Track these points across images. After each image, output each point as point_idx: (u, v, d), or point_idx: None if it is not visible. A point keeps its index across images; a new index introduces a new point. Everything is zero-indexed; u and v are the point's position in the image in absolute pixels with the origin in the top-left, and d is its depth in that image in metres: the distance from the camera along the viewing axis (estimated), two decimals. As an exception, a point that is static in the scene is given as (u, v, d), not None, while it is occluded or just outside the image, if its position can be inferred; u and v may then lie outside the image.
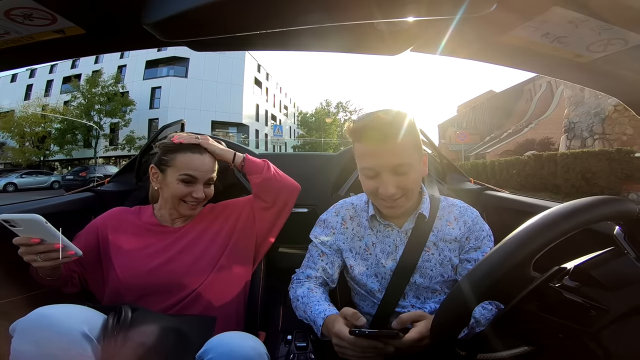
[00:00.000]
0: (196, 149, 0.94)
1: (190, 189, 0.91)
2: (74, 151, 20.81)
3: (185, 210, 0.93)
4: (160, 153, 0.94)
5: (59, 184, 16.14)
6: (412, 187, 0.81)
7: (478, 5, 0.39)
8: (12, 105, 22.01)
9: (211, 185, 0.97)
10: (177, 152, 0.92)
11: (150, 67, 23.64)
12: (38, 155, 20.42)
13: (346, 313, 0.74)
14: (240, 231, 0.99)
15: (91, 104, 19.83)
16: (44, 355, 0.60)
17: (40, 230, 0.69)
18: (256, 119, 27.78)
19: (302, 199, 1.33)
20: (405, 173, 0.77)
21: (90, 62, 23.37)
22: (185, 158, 0.91)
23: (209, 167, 0.94)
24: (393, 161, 0.76)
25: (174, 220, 0.97)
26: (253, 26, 0.43)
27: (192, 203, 0.93)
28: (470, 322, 0.76)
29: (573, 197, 0.51)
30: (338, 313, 0.77)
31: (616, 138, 10.75)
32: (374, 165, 0.77)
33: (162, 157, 0.93)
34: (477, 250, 0.85)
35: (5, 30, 0.48)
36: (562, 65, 0.61)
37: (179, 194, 0.91)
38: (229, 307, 0.93)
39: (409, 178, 0.78)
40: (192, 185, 0.92)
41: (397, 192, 0.77)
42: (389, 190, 0.76)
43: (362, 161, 0.80)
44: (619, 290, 0.45)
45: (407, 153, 0.77)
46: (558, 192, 8.86)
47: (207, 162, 0.94)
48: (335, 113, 36.38)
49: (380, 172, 0.77)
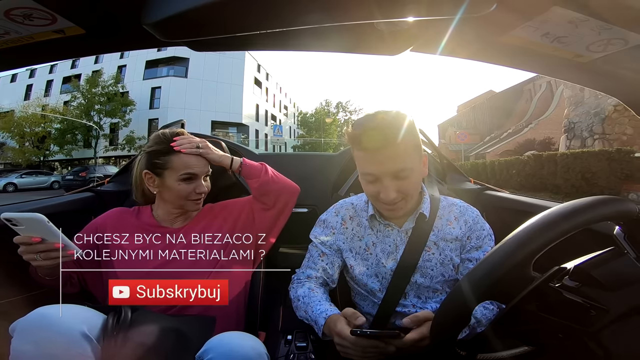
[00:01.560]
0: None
1: (192, 186, 0.92)
2: (74, 151, 20.79)
3: (192, 206, 0.95)
4: (151, 157, 0.93)
5: (59, 184, 16.12)
6: (413, 190, 0.81)
7: (478, 5, 0.39)
8: (12, 105, 21.98)
9: (208, 178, 0.98)
10: (169, 153, 0.92)
11: (150, 67, 23.62)
12: (38, 156, 20.41)
13: (346, 313, 0.74)
14: (240, 231, 0.99)
15: (91, 104, 19.81)
16: (44, 355, 0.60)
17: (42, 230, 0.69)
18: (256, 119, 27.77)
19: (302, 199, 1.33)
20: (407, 177, 0.76)
21: (90, 62, 23.33)
22: (181, 158, 0.92)
23: (204, 161, 0.96)
24: (394, 167, 0.75)
25: (173, 221, 0.97)
26: (253, 26, 0.43)
27: (197, 198, 0.94)
28: (471, 322, 0.76)
29: (573, 197, 0.51)
30: (339, 313, 0.77)
31: (616, 138, 10.76)
32: (375, 171, 0.77)
33: (154, 161, 0.92)
34: (479, 250, 0.85)
35: (5, 30, 0.48)
36: (562, 65, 0.61)
37: (184, 194, 0.92)
38: (229, 307, 0.92)
39: (410, 182, 0.78)
40: (193, 182, 0.93)
41: (398, 196, 0.77)
42: (390, 195, 0.76)
43: (363, 167, 0.80)
44: (619, 290, 0.45)
45: (408, 157, 0.77)
46: (558, 192, 8.87)
47: (202, 158, 0.95)
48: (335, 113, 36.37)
49: (381, 177, 0.77)
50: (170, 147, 0.92)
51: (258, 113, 28.24)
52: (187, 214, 0.98)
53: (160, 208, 0.97)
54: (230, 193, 1.15)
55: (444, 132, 28.78)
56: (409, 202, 0.82)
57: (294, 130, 38.99)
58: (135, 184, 0.99)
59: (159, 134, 0.97)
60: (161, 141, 0.94)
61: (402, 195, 0.78)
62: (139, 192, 1.00)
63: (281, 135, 22.96)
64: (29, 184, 15.77)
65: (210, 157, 0.96)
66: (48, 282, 0.80)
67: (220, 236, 0.97)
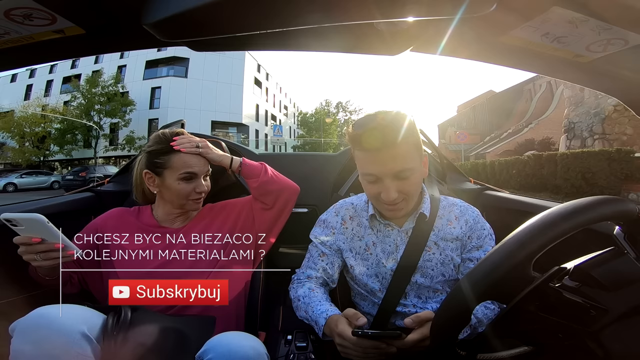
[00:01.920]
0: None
1: (192, 185, 0.93)
2: (74, 151, 20.77)
3: (192, 205, 0.95)
4: (151, 157, 0.94)
5: (58, 184, 16.10)
6: (414, 190, 0.81)
7: (478, 5, 0.39)
8: (12, 105, 21.98)
9: (208, 177, 0.98)
10: (169, 153, 0.92)
11: (150, 67, 23.60)
12: (38, 156, 20.40)
13: (347, 314, 0.74)
14: (240, 231, 0.99)
15: (91, 104, 19.79)
16: (44, 355, 0.60)
17: (42, 230, 0.69)
18: (256, 119, 27.76)
19: (302, 199, 1.32)
20: (407, 178, 0.77)
21: (90, 62, 23.32)
22: (181, 158, 0.92)
23: (204, 160, 0.96)
24: (395, 167, 0.75)
25: (173, 221, 0.97)
26: (253, 26, 0.43)
27: (197, 198, 0.94)
28: (472, 322, 0.76)
29: (573, 197, 0.51)
30: (340, 313, 0.77)
31: (616, 138, 10.76)
32: (375, 171, 0.77)
33: (154, 160, 0.93)
34: (479, 249, 0.85)
35: (5, 30, 0.48)
36: (562, 65, 0.61)
37: (184, 193, 0.92)
38: (229, 307, 0.92)
39: (411, 182, 0.78)
40: (193, 182, 0.93)
41: (399, 196, 0.77)
42: (391, 195, 0.76)
43: (363, 167, 0.80)
44: (619, 290, 0.45)
45: (409, 157, 0.76)
46: (558, 192, 8.87)
47: (201, 157, 0.95)
48: (335, 113, 36.36)
49: (382, 177, 0.76)
50: (170, 146, 0.92)
51: (258, 113, 28.23)
52: (187, 214, 0.98)
53: (160, 208, 0.97)
54: (230, 193, 1.15)
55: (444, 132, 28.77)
56: (410, 202, 0.82)
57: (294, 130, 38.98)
58: (136, 183, 0.99)
59: (159, 134, 0.97)
60: (161, 141, 0.94)
61: (403, 195, 0.78)
62: (139, 192, 1.00)
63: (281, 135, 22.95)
64: (29, 184, 15.75)
65: (210, 157, 0.96)
66: (48, 282, 0.80)
67: (220, 236, 0.97)
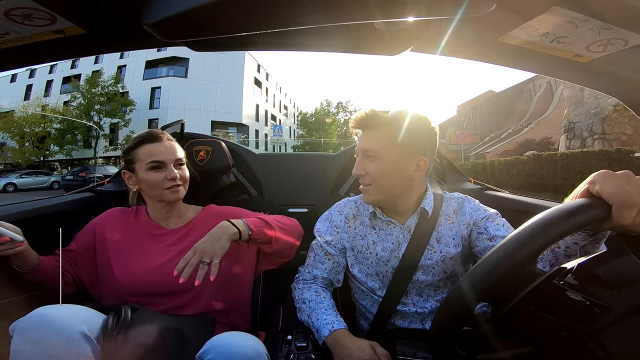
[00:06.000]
0: (153, 138, 0.93)
1: (163, 174, 0.90)
2: (74, 151, 20.79)
3: (170, 195, 0.91)
4: (124, 156, 0.94)
5: (58, 184, 16.10)
6: (378, 176, 0.81)
7: (478, 5, 0.39)
8: (12, 105, 21.99)
9: (183, 166, 0.95)
10: (136, 147, 0.92)
11: (150, 67, 23.62)
12: (38, 156, 20.41)
13: (379, 352, 0.74)
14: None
15: (91, 104, 19.80)
16: (44, 355, 0.60)
17: None
18: (256, 119, 27.77)
19: (302, 199, 1.33)
20: (373, 161, 0.81)
21: (90, 62, 23.34)
22: (146, 149, 0.91)
23: (172, 148, 0.93)
24: (364, 145, 0.83)
25: (166, 219, 0.96)
26: (253, 26, 0.43)
27: (172, 186, 0.91)
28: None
29: (573, 197, 0.51)
30: (346, 327, 0.80)
31: (616, 138, 10.77)
32: (357, 147, 0.86)
33: (126, 158, 0.93)
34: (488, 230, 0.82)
35: (5, 30, 0.48)
36: (561, 65, 0.61)
37: (154, 182, 0.89)
38: (230, 307, 0.92)
39: (377, 167, 0.81)
40: (163, 170, 0.90)
41: (364, 175, 0.83)
42: (356, 168, 0.84)
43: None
44: (623, 288, 0.45)
45: (381, 143, 0.80)
46: (558, 192, 8.87)
47: (168, 145, 0.93)
48: (335, 113, 36.38)
49: (358, 152, 0.85)
50: (135, 141, 0.92)
51: (258, 113, 28.25)
52: (176, 209, 0.96)
53: (150, 206, 0.97)
54: (231, 193, 1.15)
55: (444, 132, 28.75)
56: (375, 189, 0.83)
57: (293, 130, 39.00)
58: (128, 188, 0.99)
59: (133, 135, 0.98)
60: (131, 139, 0.95)
61: (369, 177, 0.82)
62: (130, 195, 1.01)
63: (281, 135, 22.93)
64: (29, 184, 15.75)
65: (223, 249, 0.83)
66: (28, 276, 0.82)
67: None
